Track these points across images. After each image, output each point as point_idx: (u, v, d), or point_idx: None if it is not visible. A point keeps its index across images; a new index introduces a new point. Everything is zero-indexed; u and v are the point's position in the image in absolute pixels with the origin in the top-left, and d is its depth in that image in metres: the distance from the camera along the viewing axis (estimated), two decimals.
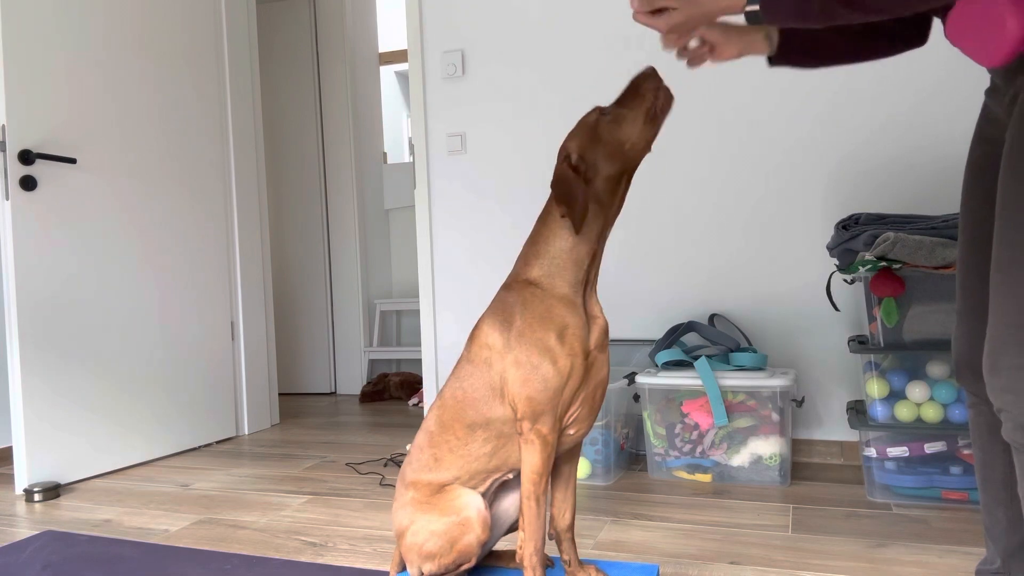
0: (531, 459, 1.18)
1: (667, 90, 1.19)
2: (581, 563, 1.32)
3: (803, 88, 2.45)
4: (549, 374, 1.16)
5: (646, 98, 1.17)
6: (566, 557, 1.31)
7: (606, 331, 1.25)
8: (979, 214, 1.18)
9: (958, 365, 1.21)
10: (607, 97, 2.69)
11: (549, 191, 1.24)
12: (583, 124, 1.22)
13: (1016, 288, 0.96)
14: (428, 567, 1.21)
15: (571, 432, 1.24)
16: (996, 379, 0.97)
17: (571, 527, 1.32)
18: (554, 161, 2.77)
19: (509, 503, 1.31)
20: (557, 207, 1.19)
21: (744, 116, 2.52)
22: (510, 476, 1.27)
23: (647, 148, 1.20)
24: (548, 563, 1.36)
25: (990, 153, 1.16)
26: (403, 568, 1.33)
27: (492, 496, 1.29)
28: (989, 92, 1.14)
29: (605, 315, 1.28)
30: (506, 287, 1.24)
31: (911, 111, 2.34)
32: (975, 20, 1.02)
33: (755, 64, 2.50)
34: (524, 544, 1.20)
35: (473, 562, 1.23)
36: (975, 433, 1.21)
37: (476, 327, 1.26)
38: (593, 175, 1.19)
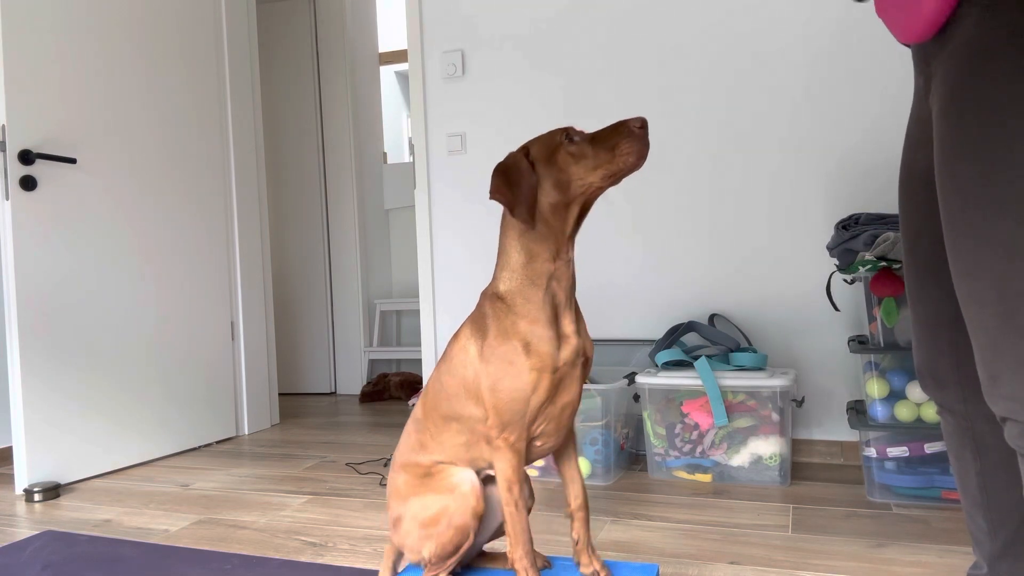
0: (501, 466, 1.20)
1: (641, 151, 1.13)
2: (591, 549, 1.31)
3: (803, 87, 2.45)
4: (513, 386, 1.16)
5: (616, 156, 1.13)
6: (575, 536, 1.30)
7: (580, 351, 1.21)
8: (912, 223, 1.16)
9: (920, 373, 1.19)
10: (606, 95, 2.69)
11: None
12: (547, 140, 1.18)
13: (981, 294, 0.93)
14: (428, 549, 1.21)
15: (538, 444, 1.24)
16: (996, 388, 0.93)
17: (583, 507, 1.30)
18: None
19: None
20: (496, 192, 1.17)
21: (744, 116, 2.52)
22: (491, 471, 1.28)
23: (599, 191, 1.18)
24: (545, 564, 1.36)
25: (915, 159, 1.14)
26: (395, 565, 1.33)
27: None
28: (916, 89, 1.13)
29: (588, 337, 1.26)
30: (483, 295, 1.25)
31: None
32: None
33: (756, 64, 2.50)
34: (512, 549, 1.21)
35: (471, 539, 1.23)
36: (946, 439, 1.19)
37: (460, 329, 1.27)
38: (540, 194, 1.16)
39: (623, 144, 1.13)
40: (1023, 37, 0.88)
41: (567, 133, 1.17)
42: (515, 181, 1.16)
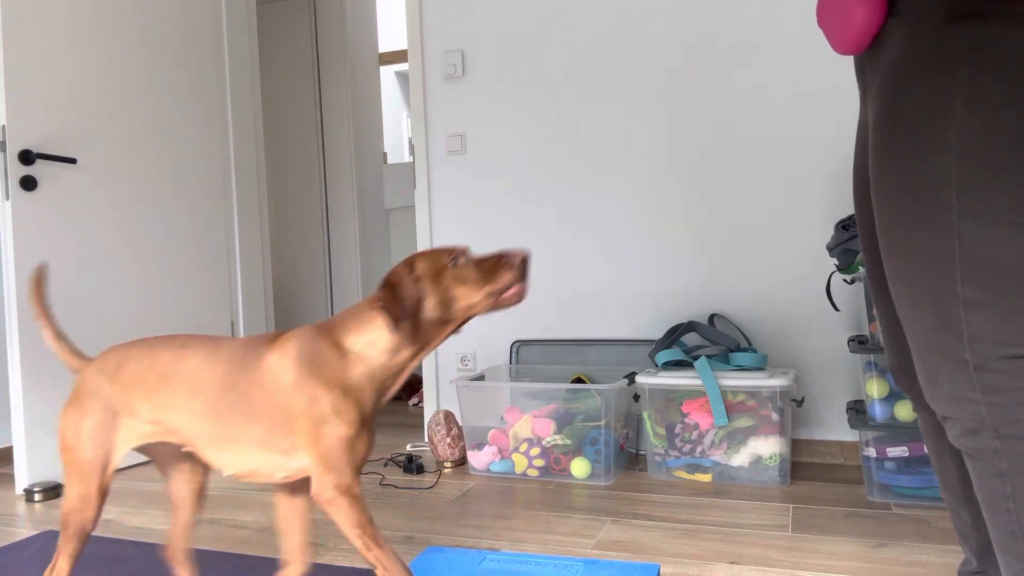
0: (347, 517, 1.15)
1: (521, 285, 1.18)
2: None
3: (804, 88, 2.45)
4: (341, 432, 1.14)
5: (497, 283, 1.17)
6: None
7: (369, 448, 1.23)
8: (867, 225, 1.18)
9: (893, 372, 1.20)
10: (607, 95, 2.69)
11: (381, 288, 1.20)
12: (433, 259, 1.20)
13: (916, 298, 0.96)
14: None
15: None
16: (935, 387, 0.96)
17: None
18: (553, 161, 2.77)
19: None
20: (377, 307, 1.17)
21: (744, 115, 2.52)
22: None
23: (474, 314, 1.21)
24: None
25: (862, 163, 1.16)
26: None
27: None
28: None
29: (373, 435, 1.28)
30: (319, 331, 1.21)
31: None
32: (833, 5, 1.05)
33: (756, 64, 2.50)
34: None
35: None
36: (924, 437, 1.20)
37: (275, 345, 1.21)
38: (420, 307, 1.18)
39: (506, 273, 1.17)
40: (945, 54, 0.91)
41: (454, 256, 1.20)
42: (403, 297, 1.16)
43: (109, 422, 1.24)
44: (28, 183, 2.39)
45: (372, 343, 1.18)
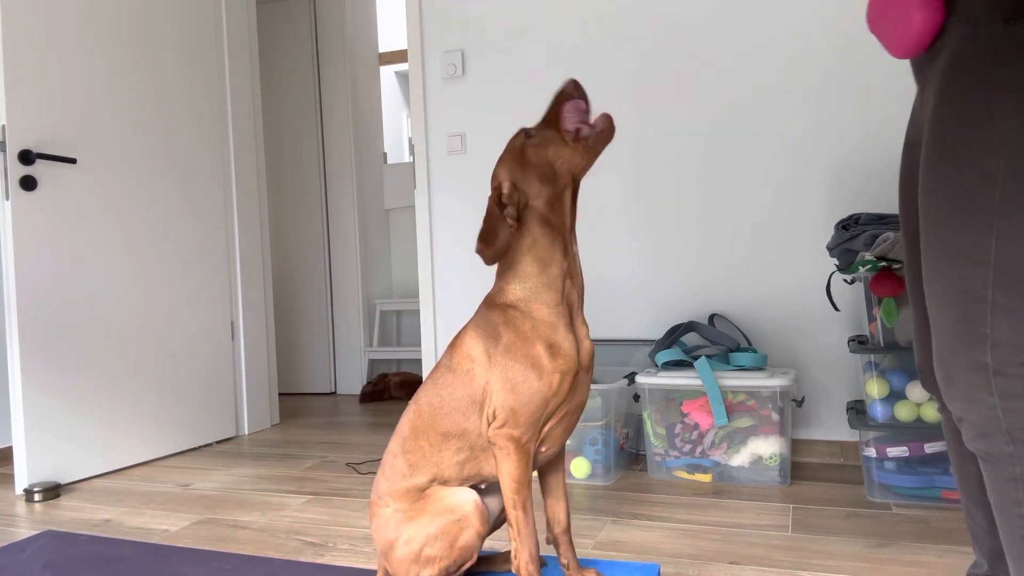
0: (509, 468, 1.16)
1: (577, 104, 1.17)
2: (580, 566, 1.31)
3: (804, 88, 2.45)
4: (535, 388, 1.14)
5: (564, 120, 1.16)
6: (564, 560, 1.30)
7: (591, 354, 1.23)
8: (911, 222, 1.17)
9: (921, 371, 1.20)
10: (607, 95, 2.69)
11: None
12: (510, 149, 1.20)
13: (944, 296, 0.96)
14: (427, 573, 1.20)
15: (543, 450, 1.22)
16: (951, 387, 0.97)
17: (567, 530, 1.31)
18: None
19: (493, 502, 1.30)
20: (480, 253, 1.18)
21: (745, 116, 2.52)
22: (482, 486, 1.27)
23: (585, 164, 1.19)
24: (542, 563, 1.35)
25: (910, 160, 1.16)
26: None
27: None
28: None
29: (591, 339, 1.26)
30: (488, 305, 1.22)
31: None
32: (888, 9, 1.04)
33: (757, 64, 2.50)
34: (518, 552, 1.18)
35: (475, 558, 1.22)
36: (947, 437, 1.21)
37: (459, 337, 1.24)
38: (531, 199, 1.18)
39: (562, 104, 1.17)
40: (1002, 53, 0.91)
41: (524, 132, 1.20)
42: (493, 227, 1.16)
43: None
44: (28, 183, 2.39)
45: (526, 276, 1.18)
